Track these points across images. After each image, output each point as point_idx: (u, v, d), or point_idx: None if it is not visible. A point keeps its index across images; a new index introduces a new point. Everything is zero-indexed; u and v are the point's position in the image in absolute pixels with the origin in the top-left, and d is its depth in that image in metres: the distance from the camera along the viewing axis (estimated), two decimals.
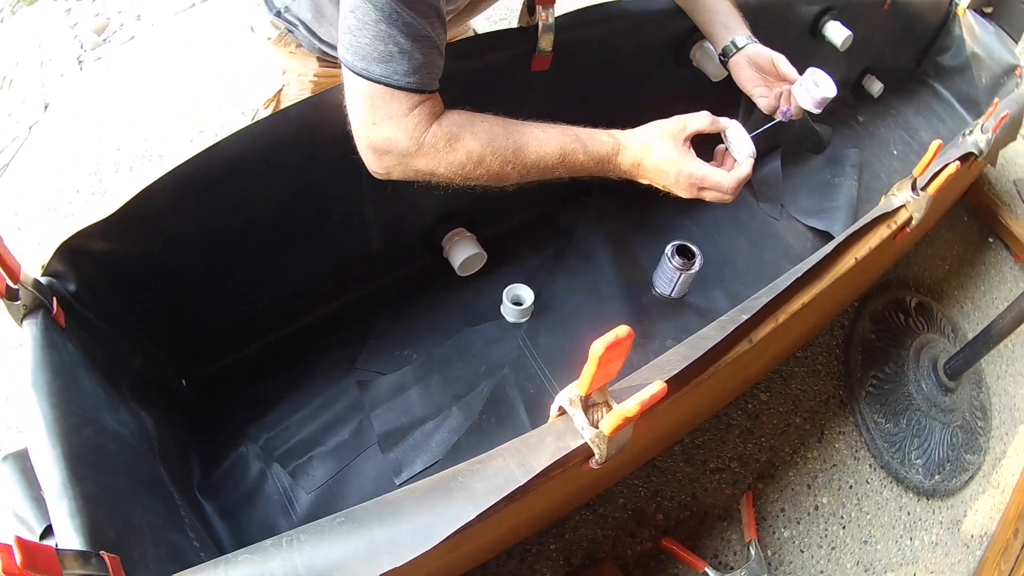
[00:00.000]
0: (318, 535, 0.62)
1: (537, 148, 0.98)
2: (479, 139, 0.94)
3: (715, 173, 1.03)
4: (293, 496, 1.20)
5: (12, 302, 0.84)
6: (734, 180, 1.03)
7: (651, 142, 1.03)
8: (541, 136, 0.99)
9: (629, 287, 1.55)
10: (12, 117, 2.48)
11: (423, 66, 0.86)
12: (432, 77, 0.90)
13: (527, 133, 0.98)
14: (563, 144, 1.00)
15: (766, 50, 1.29)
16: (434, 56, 0.88)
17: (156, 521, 0.90)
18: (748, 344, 0.89)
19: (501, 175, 0.98)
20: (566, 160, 1.00)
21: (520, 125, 0.99)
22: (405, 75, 0.85)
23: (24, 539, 0.56)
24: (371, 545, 0.60)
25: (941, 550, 1.70)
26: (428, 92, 0.90)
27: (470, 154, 0.94)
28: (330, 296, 1.42)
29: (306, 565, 0.60)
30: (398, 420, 1.30)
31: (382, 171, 0.95)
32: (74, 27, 2.87)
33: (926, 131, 2.30)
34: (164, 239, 1.06)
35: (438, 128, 0.92)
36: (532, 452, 0.66)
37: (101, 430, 0.88)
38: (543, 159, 0.99)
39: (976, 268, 2.35)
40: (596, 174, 1.05)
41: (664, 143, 1.03)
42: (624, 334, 0.55)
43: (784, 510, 1.63)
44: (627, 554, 1.48)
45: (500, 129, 0.97)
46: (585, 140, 1.02)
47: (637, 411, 0.60)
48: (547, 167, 1.00)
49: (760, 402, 1.78)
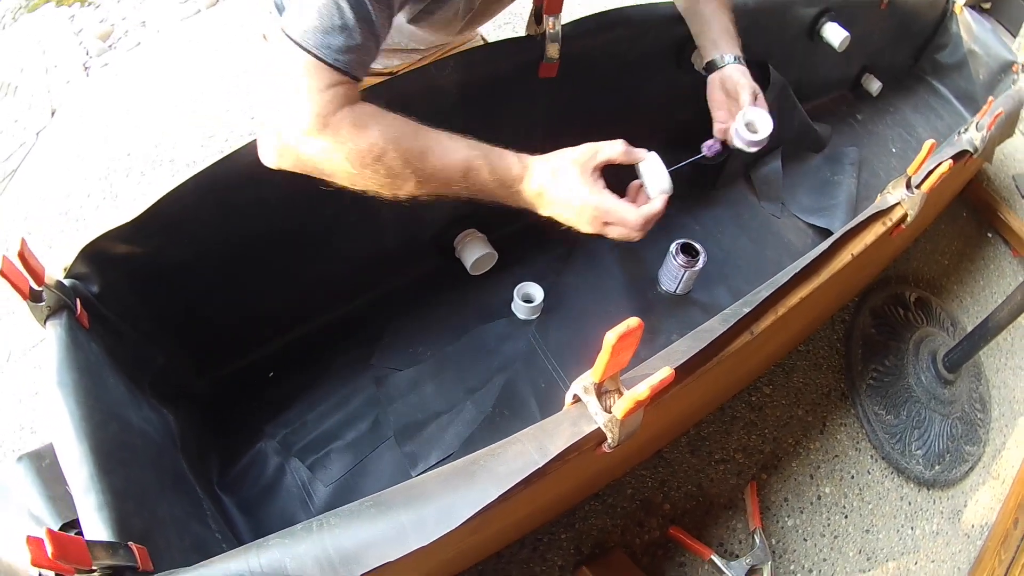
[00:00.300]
0: (347, 518, 0.64)
1: (442, 155, 0.92)
2: (385, 133, 0.88)
3: (621, 208, 0.96)
4: (311, 489, 1.22)
5: (36, 304, 0.86)
6: (641, 217, 0.97)
7: (558, 169, 0.96)
8: (448, 144, 0.93)
9: (635, 285, 1.58)
10: (19, 123, 2.49)
11: (357, 48, 0.84)
12: (361, 64, 0.87)
13: (435, 138, 0.93)
14: (469, 158, 0.93)
15: (740, 76, 1.27)
16: (370, 44, 0.86)
17: (180, 514, 0.93)
18: (750, 336, 0.91)
19: (399, 176, 0.90)
20: (469, 175, 0.93)
21: (430, 130, 0.93)
22: (338, 52, 0.82)
23: (55, 531, 0.57)
24: (398, 526, 0.63)
25: (942, 539, 1.72)
26: (352, 77, 0.87)
27: (372, 145, 0.87)
28: (346, 296, 1.44)
29: (336, 547, 0.63)
30: (413, 414, 1.33)
31: (275, 152, 0.90)
32: (79, 33, 2.88)
33: (924, 128, 2.32)
34: (185, 243, 1.08)
35: (349, 111, 0.87)
36: (549, 437, 0.69)
37: (126, 426, 0.90)
38: (445, 168, 0.92)
39: (975, 263, 2.36)
40: (500, 199, 0.99)
41: (572, 171, 0.96)
42: (635, 325, 0.59)
43: (787, 500, 1.66)
44: (635, 543, 1.51)
45: (409, 129, 0.91)
46: (493, 159, 0.95)
47: (648, 395, 0.63)
48: (448, 178, 0.93)
49: (763, 395, 1.80)
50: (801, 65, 1.91)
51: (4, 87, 2.72)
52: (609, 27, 1.38)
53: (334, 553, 0.63)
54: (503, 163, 0.95)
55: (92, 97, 2.52)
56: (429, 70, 1.21)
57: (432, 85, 1.20)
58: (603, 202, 0.95)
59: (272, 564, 0.63)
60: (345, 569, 0.62)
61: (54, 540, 0.57)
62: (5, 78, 2.75)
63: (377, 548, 0.62)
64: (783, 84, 1.78)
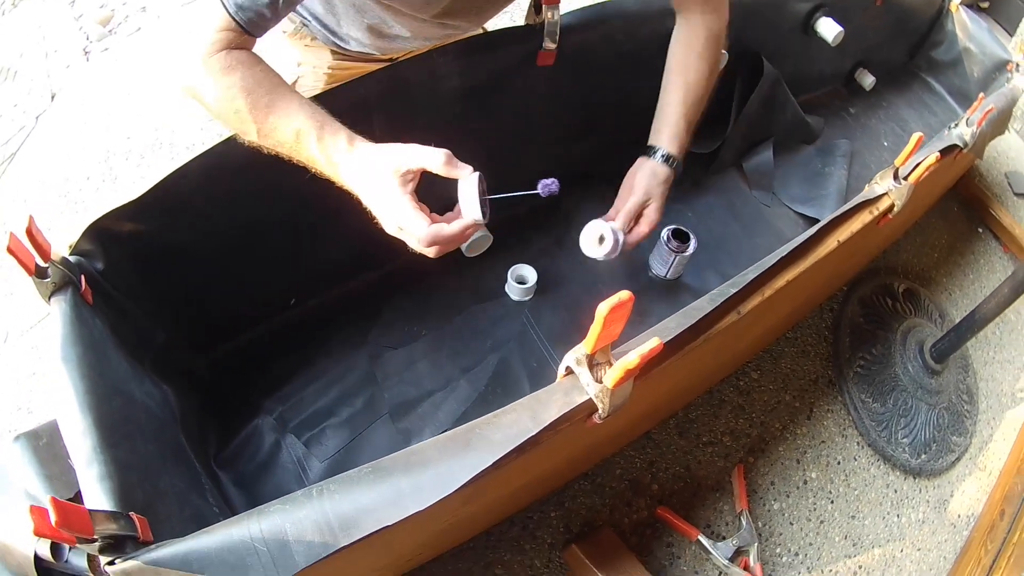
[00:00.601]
0: (347, 484, 0.67)
1: (283, 114, 0.95)
2: (244, 80, 0.93)
3: (412, 219, 0.94)
4: (307, 465, 1.24)
5: (41, 280, 0.87)
6: (430, 234, 0.95)
7: (373, 164, 0.95)
8: (294, 106, 0.96)
9: (627, 268, 1.60)
10: (18, 107, 2.49)
11: (253, 6, 0.90)
12: (255, 22, 0.92)
13: (285, 97, 0.96)
14: (305, 124, 0.95)
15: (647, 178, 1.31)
16: (264, 9, 0.91)
17: (181, 487, 0.95)
18: (737, 316, 0.94)
19: (244, 123, 0.96)
20: (299, 140, 0.96)
21: (287, 90, 0.97)
22: (237, 4, 0.89)
23: (59, 499, 0.59)
24: (396, 491, 0.65)
25: (928, 528, 1.75)
26: (243, 30, 0.92)
27: (229, 88, 0.93)
28: (344, 277, 1.46)
29: (335, 512, 0.65)
30: (408, 392, 1.35)
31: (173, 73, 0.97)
32: (79, 19, 2.87)
33: (917, 124, 2.33)
34: (189, 222, 1.11)
35: (226, 55, 0.92)
36: (543, 406, 0.71)
37: (129, 401, 0.92)
38: (281, 127, 0.95)
39: (965, 257, 2.39)
40: (324, 173, 1.00)
41: (382, 169, 0.95)
42: (626, 297, 0.62)
43: (774, 483, 1.68)
44: (624, 522, 1.53)
45: (268, 83, 0.96)
46: (326, 132, 0.96)
47: (637, 363, 0.66)
48: (282, 138, 0.96)
49: (751, 380, 1.83)
50: (795, 58, 1.93)
51: (4, 71, 2.71)
52: (606, 18, 1.39)
53: (333, 518, 0.65)
54: (333, 140, 0.97)
55: (92, 82, 2.52)
56: (431, 56, 1.23)
57: (433, 71, 1.23)
58: (399, 207, 0.95)
59: (273, 529, 0.65)
60: (344, 533, 0.64)
61: (58, 508, 0.58)
62: (5, 62, 2.74)
63: (375, 513, 0.65)
64: (776, 76, 1.80)
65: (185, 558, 0.64)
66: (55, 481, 0.82)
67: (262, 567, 0.63)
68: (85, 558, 0.68)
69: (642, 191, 1.31)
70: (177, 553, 0.64)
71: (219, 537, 0.65)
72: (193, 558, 0.64)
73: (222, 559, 0.64)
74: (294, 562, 0.63)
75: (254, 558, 0.63)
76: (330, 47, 1.30)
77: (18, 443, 0.85)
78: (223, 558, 0.64)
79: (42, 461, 0.84)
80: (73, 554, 0.70)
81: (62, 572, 0.72)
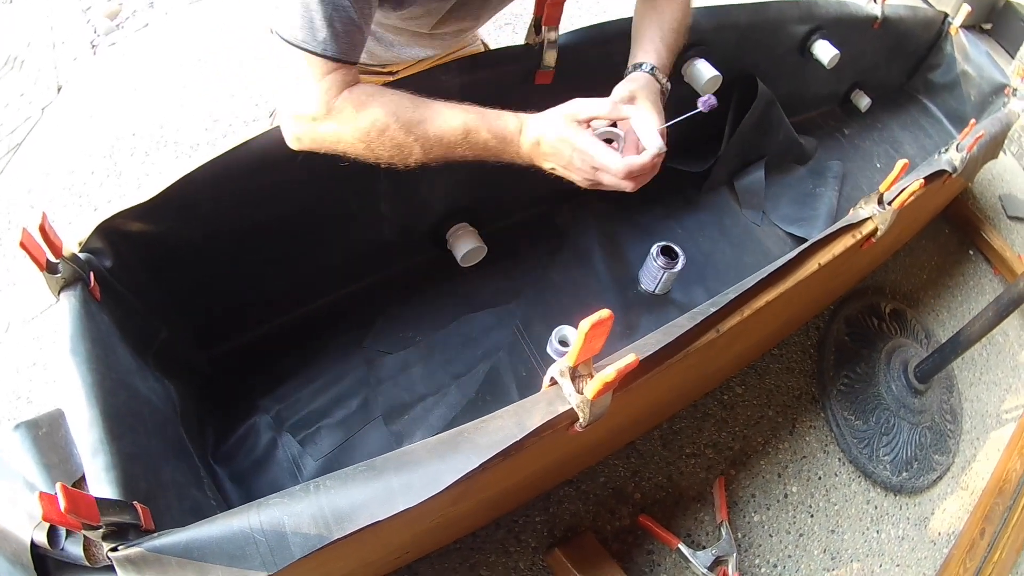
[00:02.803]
0: (342, 481, 0.71)
1: (441, 121, 0.98)
2: (385, 108, 0.95)
3: (604, 154, 0.98)
4: (301, 463, 1.27)
5: (51, 275, 0.90)
6: (624, 166, 0.97)
7: (550, 120, 1.00)
8: (447, 110, 0.99)
9: (617, 283, 1.63)
10: (24, 97, 2.50)
11: (341, 36, 0.90)
12: (351, 49, 0.93)
13: (433, 107, 0.99)
14: (467, 120, 0.99)
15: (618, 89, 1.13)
16: (352, 30, 0.92)
17: (181, 479, 0.98)
18: (715, 334, 0.97)
19: (404, 146, 0.98)
20: (470, 135, 0.99)
21: (428, 101, 1.00)
22: (324, 43, 0.90)
23: (68, 487, 0.61)
24: (388, 489, 0.69)
25: (908, 545, 1.77)
26: (345, 62, 0.94)
27: (375, 122, 0.95)
28: (343, 282, 1.49)
29: (331, 506, 0.69)
30: (401, 396, 1.39)
31: (293, 135, 0.99)
32: (87, 11, 2.89)
33: (911, 146, 2.35)
34: (196, 224, 1.14)
35: (348, 94, 0.95)
36: (527, 414, 0.75)
37: (134, 394, 0.95)
38: (446, 132, 0.98)
39: (955, 279, 2.41)
40: (501, 156, 1.03)
41: (561, 120, 0.99)
42: (606, 315, 0.66)
43: (755, 496, 1.71)
44: (606, 528, 1.56)
45: (408, 102, 0.98)
46: (490, 119, 1.01)
47: (614, 377, 0.70)
48: (451, 141, 0.99)
49: (736, 394, 1.85)
50: (790, 80, 1.96)
51: (11, 61, 2.73)
52: (604, 39, 1.42)
53: (329, 512, 0.69)
54: (500, 121, 1.01)
55: (99, 75, 2.53)
56: (432, 73, 1.27)
57: (434, 87, 1.25)
58: (588, 146, 0.98)
59: (271, 521, 0.68)
60: (338, 526, 0.68)
61: (67, 495, 0.60)
62: (12, 52, 2.76)
63: (368, 508, 0.69)
64: (770, 97, 1.83)
65: (187, 546, 0.67)
66: (54, 470, 0.82)
67: (260, 556, 0.67)
68: (81, 546, 0.71)
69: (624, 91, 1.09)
70: (179, 542, 0.67)
71: (220, 527, 0.68)
72: (194, 547, 0.67)
73: (222, 548, 0.67)
74: (290, 552, 0.67)
75: (253, 548, 0.67)
76: None
77: (18, 432, 0.86)
78: (223, 547, 0.67)
79: (41, 450, 0.84)
80: (69, 542, 0.73)
81: (57, 559, 0.74)
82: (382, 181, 1.30)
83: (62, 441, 0.85)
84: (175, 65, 2.57)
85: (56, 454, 0.84)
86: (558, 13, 1.28)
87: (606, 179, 1.00)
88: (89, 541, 0.72)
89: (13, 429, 0.86)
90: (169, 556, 0.67)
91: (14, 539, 0.75)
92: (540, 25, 1.29)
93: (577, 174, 1.02)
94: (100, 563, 0.71)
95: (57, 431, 0.85)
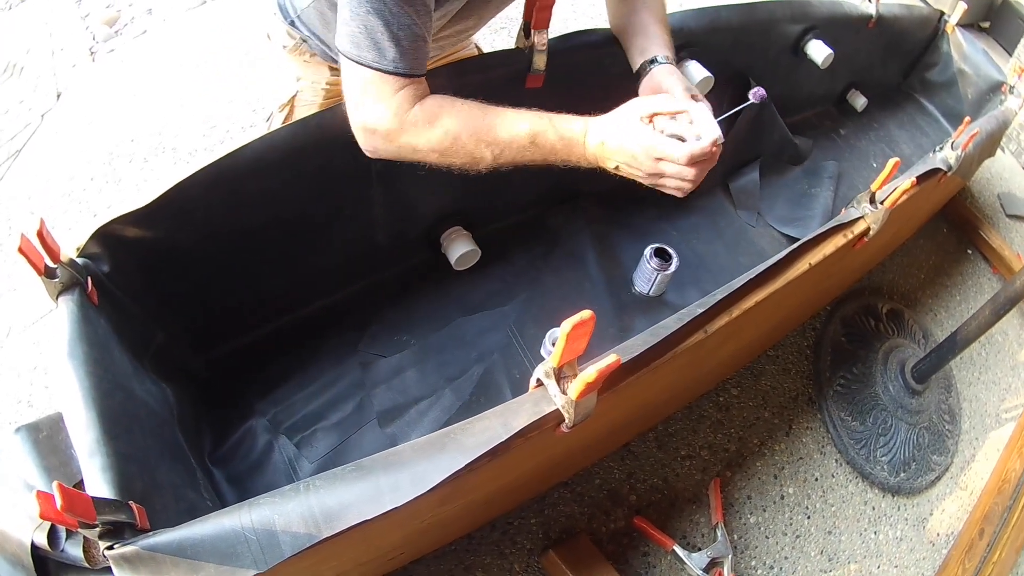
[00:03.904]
0: (331, 481, 0.72)
1: (509, 127, 1.01)
2: (456, 118, 1.00)
3: (672, 145, 0.99)
4: (297, 466, 1.28)
5: (50, 280, 0.91)
6: (689, 153, 0.98)
7: (614, 119, 1.03)
8: (514, 116, 1.02)
9: (611, 285, 1.63)
10: (24, 104, 2.51)
11: (409, 52, 0.94)
12: (418, 62, 0.97)
13: (501, 114, 1.03)
14: (534, 124, 1.02)
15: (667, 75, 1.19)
16: (419, 44, 0.95)
17: (177, 480, 0.98)
18: (703, 335, 0.98)
19: (475, 153, 1.02)
20: (537, 139, 1.02)
21: (496, 108, 1.04)
22: (393, 61, 0.93)
23: (64, 486, 0.62)
24: (376, 489, 0.70)
25: (906, 545, 1.77)
26: (414, 76, 0.98)
27: (447, 131, 0.99)
28: (338, 285, 1.49)
29: (320, 506, 0.70)
30: (396, 399, 1.39)
31: (370, 148, 1.03)
32: (85, 18, 2.90)
33: (908, 145, 2.35)
34: (192, 230, 1.15)
35: (420, 107, 0.99)
36: (513, 415, 0.76)
37: (131, 397, 0.96)
38: (515, 137, 1.02)
39: (953, 278, 2.41)
40: (568, 158, 1.06)
41: (625, 117, 1.03)
42: (588, 316, 0.67)
43: (751, 497, 1.71)
44: (602, 530, 1.57)
45: (477, 111, 1.02)
46: (557, 121, 1.04)
47: (596, 377, 0.71)
48: (520, 146, 1.03)
49: (731, 396, 1.86)
50: (784, 80, 1.96)
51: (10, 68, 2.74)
52: (593, 43, 1.43)
53: (318, 511, 0.70)
54: (566, 124, 1.04)
55: (98, 82, 2.55)
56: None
57: None
58: (654, 139, 1.00)
59: (262, 520, 0.69)
60: (327, 525, 0.69)
61: (64, 494, 0.61)
62: (11, 58, 2.77)
63: (356, 507, 0.70)
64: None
65: (180, 545, 0.68)
66: (54, 473, 0.83)
67: (251, 555, 0.68)
68: (80, 547, 0.72)
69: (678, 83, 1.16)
70: (172, 540, 0.68)
71: (212, 526, 0.69)
72: (188, 545, 0.68)
73: (214, 547, 0.68)
74: (281, 551, 0.68)
75: (244, 546, 0.68)
76: (328, 63, 1.33)
77: (18, 435, 0.87)
78: (215, 546, 0.68)
79: (42, 453, 0.85)
80: (69, 544, 0.74)
81: (57, 561, 0.75)
82: (376, 185, 1.31)
83: (62, 444, 0.85)
84: (173, 71, 2.58)
85: (56, 457, 0.85)
86: (547, 17, 1.29)
87: (670, 169, 1.02)
88: (89, 542, 0.72)
89: (14, 432, 0.88)
90: (163, 554, 0.68)
91: (15, 540, 0.76)
92: (530, 29, 1.30)
93: (640, 170, 1.04)
94: (100, 564, 0.71)
95: (57, 434, 0.86)
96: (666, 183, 1.05)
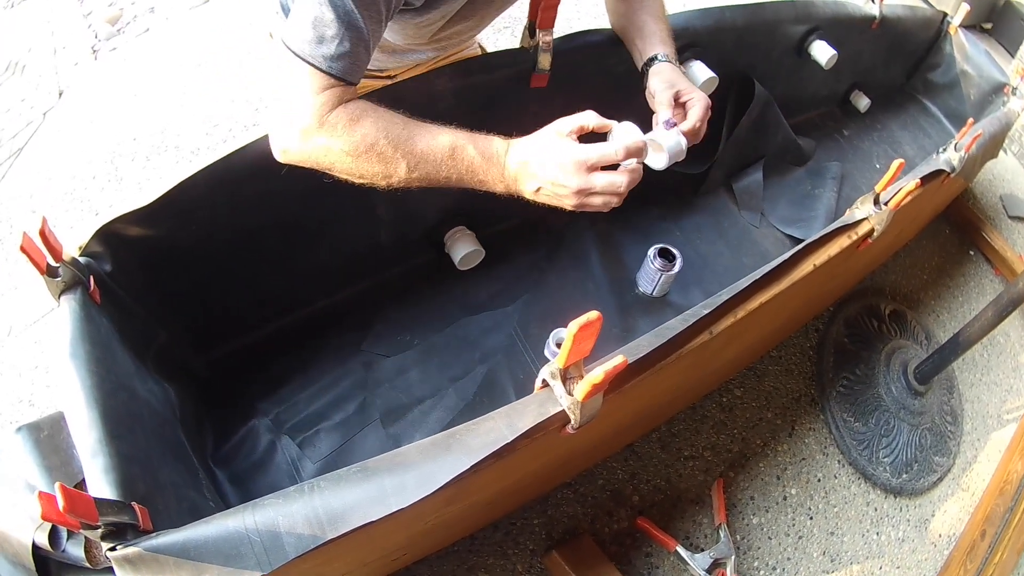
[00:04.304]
0: (336, 482, 0.71)
1: (429, 139, 0.98)
2: (376, 124, 0.96)
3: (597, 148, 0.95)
4: (300, 466, 1.28)
5: (52, 279, 0.91)
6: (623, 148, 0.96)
7: (537, 137, 0.99)
8: (435, 129, 0.99)
9: (614, 286, 1.62)
10: (26, 102, 2.52)
11: (347, 55, 0.92)
12: (353, 68, 0.94)
13: (422, 126, 1.00)
14: (455, 138, 0.99)
15: (657, 82, 1.22)
16: (361, 50, 0.93)
17: (179, 481, 0.98)
18: (708, 336, 0.98)
19: (391, 161, 0.97)
20: (456, 154, 0.99)
21: (419, 121, 1.00)
22: (329, 59, 0.91)
23: (67, 486, 0.62)
24: (381, 490, 0.70)
25: (908, 546, 1.76)
26: (345, 82, 0.95)
27: (365, 136, 0.95)
28: (341, 285, 1.49)
29: (324, 507, 0.69)
30: (399, 399, 1.39)
31: (281, 147, 0.99)
32: (88, 16, 2.90)
33: (911, 146, 2.35)
34: (194, 229, 1.15)
35: (343, 110, 0.96)
36: (519, 416, 0.76)
37: (133, 396, 0.96)
38: (433, 149, 0.98)
39: (955, 279, 2.40)
40: (485, 178, 1.02)
41: (549, 137, 0.99)
42: (594, 317, 0.66)
43: (754, 498, 1.71)
44: (604, 531, 1.56)
45: (399, 119, 0.99)
46: (477, 139, 1.00)
47: (602, 378, 0.70)
48: (438, 160, 0.99)
49: (734, 397, 1.85)
50: (788, 81, 1.96)
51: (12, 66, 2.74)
52: (598, 42, 1.42)
53: (323, 513, 0.69)
54: (487, 142, 1.01)
55: (100, 80, 2.55)
56: (428, 77, 1.27)
57: (430, 91, 1.27)
58: (582, 148, 0.95)
59: (266, 522, 0.69)
60: (332, 527, 0.68)
61: (66, 495, 0.61)
62: (13, 57, 2.77)
63: (361, 509, 0.69)
64: (767, 99, 1.83)
65: (183, 546, 0.67)
66: (55, 472, 0.83)
67: (255, 556, 0.67)
68: (82, 548, 0.72)
69: (665, 84, 1.20)
70: (176, 541, 0.68)
71: (215, 527, 0.69)
72: (191, 546, 0.67)
73: (218, 548, 0.68)
74: (285, 552, 0.67)
75: (248, 548, 0.68)
76: None
77: (20, 434, 0.87)
78: (219, 547, 0.68)
79: (43, 453, 0.85)
80: (70, 544, 0.74)
81: (58, 561, 0.75)
82: None
83: (63, 444, 0.85)
84: (175, 70, 2.58)
85: (58, 457, 0.85)
86: (552, 16, 1.29)
87: (600, 181, 0.96)
88: (90, 543, 0.72)
89: (15, 432, 0.87)
90: (166, 556, 0.67)
91: (16, 541, 0.76)
92: (535, 28, 1.30)
93: (568, 187, 0.97)
94: (101, 564, 0.71)
95: (58, 434, 0.86)
96: (593, 200, 0.99)
